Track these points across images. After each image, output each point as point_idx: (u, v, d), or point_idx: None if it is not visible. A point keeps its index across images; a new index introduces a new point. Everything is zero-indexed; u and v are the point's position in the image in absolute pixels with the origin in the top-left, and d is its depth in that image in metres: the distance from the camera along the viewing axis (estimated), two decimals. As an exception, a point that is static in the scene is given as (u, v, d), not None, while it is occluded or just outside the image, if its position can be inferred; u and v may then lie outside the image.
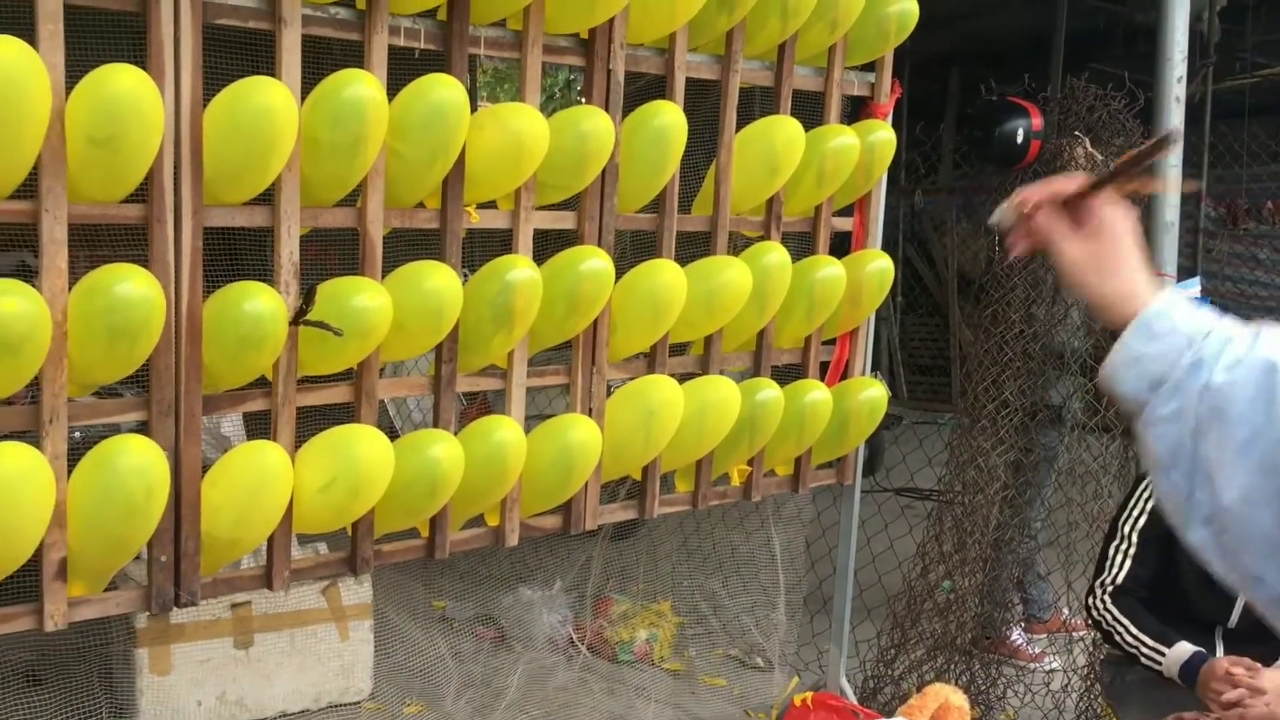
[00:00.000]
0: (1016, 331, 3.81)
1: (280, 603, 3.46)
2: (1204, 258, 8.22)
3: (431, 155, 2.35)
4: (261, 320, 2.17)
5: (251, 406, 2.33)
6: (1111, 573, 2.77)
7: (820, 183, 3.02)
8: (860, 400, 3.21)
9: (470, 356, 2.57)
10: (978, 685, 3.69)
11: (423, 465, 2.39)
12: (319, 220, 2.33)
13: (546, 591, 4.26)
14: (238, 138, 2.12)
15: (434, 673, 3.78)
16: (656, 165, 2.72)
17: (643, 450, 2.81)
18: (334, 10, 2.28)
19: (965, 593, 3.74)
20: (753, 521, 4.55)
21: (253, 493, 2.23)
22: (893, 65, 3.23)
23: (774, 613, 4.03)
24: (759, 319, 2.98)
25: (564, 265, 2.59)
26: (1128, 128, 3.69)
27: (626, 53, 2.69)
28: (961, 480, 3.86)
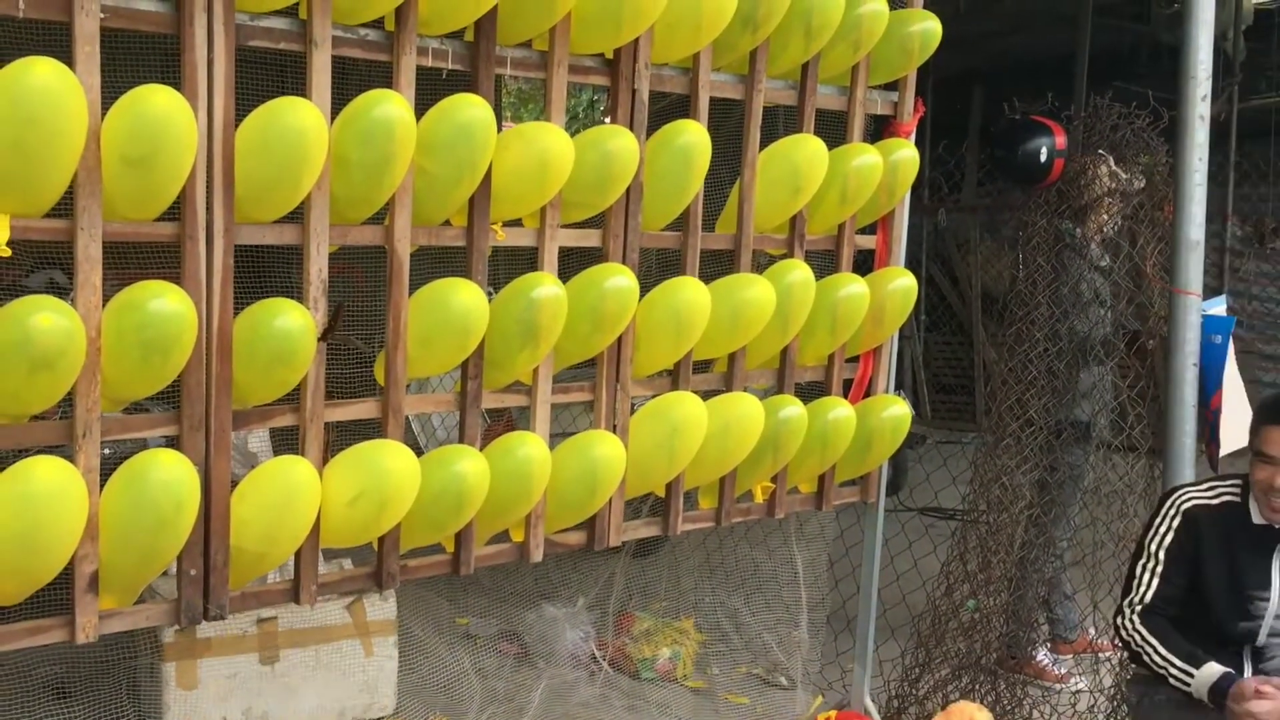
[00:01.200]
0: (1041, 350, 3.80)
1: (306, 618, 3.48)
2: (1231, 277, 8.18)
3: (458, 174, 2.38)
4: (291, 336, 2.20)
5: (280, 421, 2.35)
6: (1140, 591, 2.76)
7: (843, 201, 3.03)
8: (884, 418, 3.21)
9: (496, 373, 2.59)
10: (1003, 705, 3.67)
11: (448, 480, 2.41)
12: (348, 238, 2.36)
13: (570, 608, 4.26)
14: (269, 157, 2.15)
15: (457, 688, 3.79)
16: (680, 184, 2.74)
17: (666, 467, 2.82)
18: (363, 31, 2.31)
19: (990, 612, 3.72)
20: (775, 539, 4.55)
21: (281, 507, 2.25)
22: (916, 84, 3.24)
23: (796, 630, 4.02)
24: (782, 336, 2.99)
25: (589, 283, 2.61)
26: (1152, 146, 3.69)
27: (651, 72, 2.71)
28: (986, 499, 3.85)
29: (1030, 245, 3.85)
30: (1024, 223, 3.90)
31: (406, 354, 2.42)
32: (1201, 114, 3.41)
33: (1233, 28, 7.41)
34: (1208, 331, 3.46)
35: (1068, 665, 4.10)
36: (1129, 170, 3.64)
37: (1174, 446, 3.45)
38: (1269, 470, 2.58)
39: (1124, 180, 3.71)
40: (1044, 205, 3.84)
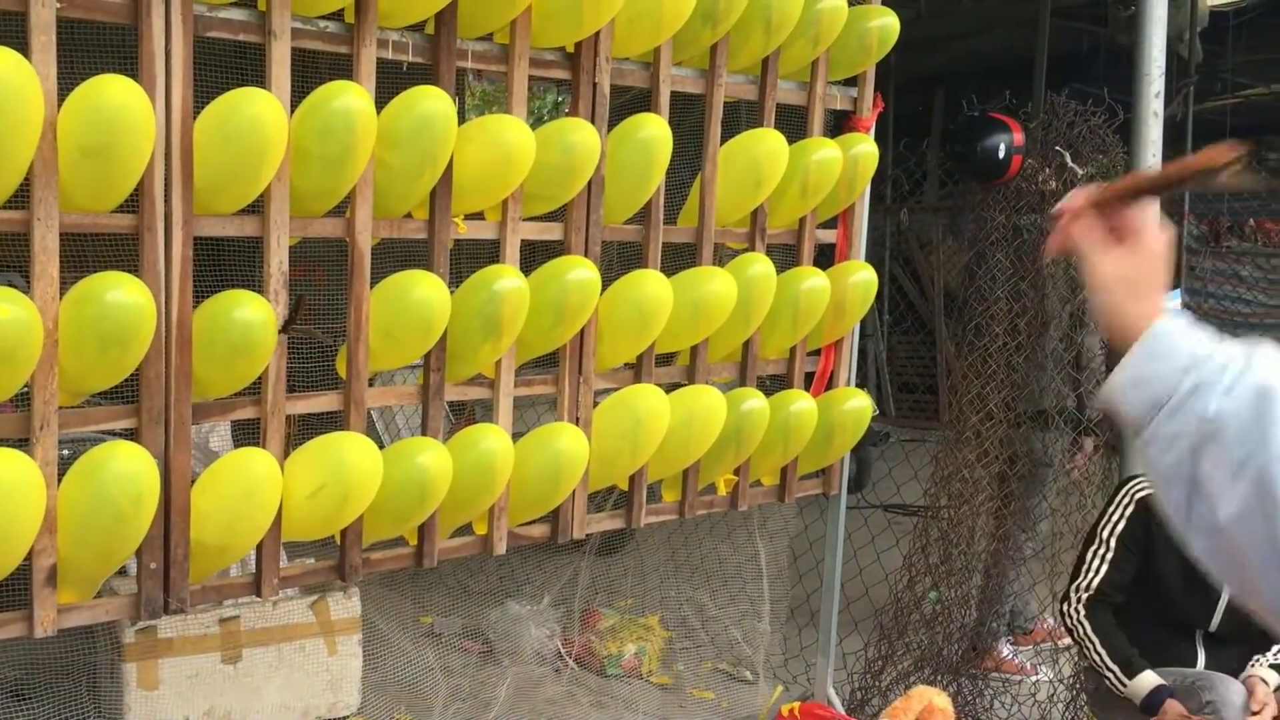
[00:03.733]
0: (1000, 344, 3.85)
1: (268, 617, 3.47)
2: (1187, 275, 8.30)
3: (420, 166, 2.38)
4: (251, 328, 2.19)
5: (241, 414, 2.35)
6: (1088, 578, 2.80)
7: (804, 195, 3.06)
8: (845, 410, 3.24)
9: (458, 366, 2.59)
10: (964, 696, 3.71)
11: (411, 472, 2.41)
12: (308, 230, 2.35)
13: (535, 606, 4.26)
14: (228, 148, 2.15)
15: (422, 686, 3.78)
16: (642, 177, 2.76)
17: (630, 459, 2.83)
18: (323, 23, 2.31)
19: (951, 604, 3.76)
20: (740, 535, 4.57)
21: (242, 500, 2.24)
22: (878, 84, 3.28)
23: (761, 625, 4.04)
24: (744, 329, 3.01)
25: (551, 275, 2.62)
26: (1107, 143, 3.75)
27: (612, 66, 2.73)
28: (947, 493, 3.89)
29: (989, 241, 3.90)
30: (982, 219, 3.95)
31: (368, 347, 2.42)
32: (1155, 111, 3.47)
33: (1188, 30, 7.52)
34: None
35: (1028, 656, 4.15)
36: (1084, 166, 3.69)
37: (1130, 439, 3.51)
38: None
39: (1080, 176, 3.77)
40: (1002, 201, 3.88)
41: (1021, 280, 3.89)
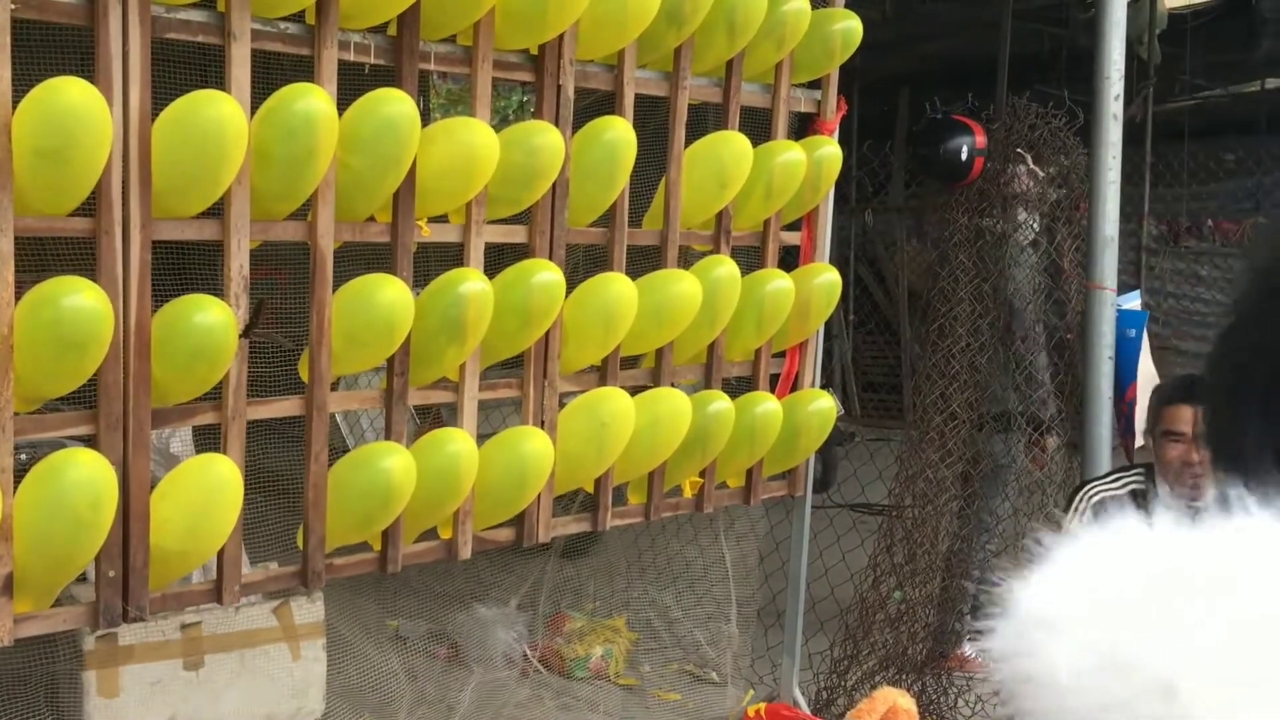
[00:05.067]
0: (963, 345, 3.87)
1: (230, 623, 3.43)
2: (1147, 274, 8.40)
3: (383, 169, 2.36)
4: (212, 333, 2.17)
5: (202, 419, 2.32)
6: None
7: (769, 197, 3.06)
8: (810, 412, 3.25)
9: (422, 369, 2.58)
10: (929, 695, 3.73)
11: (374, 477, 2.39)
12: (270, 233, 2.33)
13: (501, 609, 4.25)
14: (187, 151, 2.12)
15: (387, 691, 3.76)
16: (607, 179, 2.76)
17: (595, 462, 2.83)
18: (283, 25, 2.29)
19: (916, 603, 3.78)
20: (706, 536, 4.57)
21: (202, 506, 2.22)
22: (843, 86, 3.29)
23: (727, 626, 4.05)
24: (709, 331, 3.01)
25: (515, 278, 2.61)
26: (1068, 146, 3.78)
27: (576, 69, 2.72)
28: (911, 492, 3.91)
29: (952, 242, 3.93)
30: (945, 220, 3.97)
31: (331, 350, 2.40)
32: (1115, 113, 3.51)
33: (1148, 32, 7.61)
34: (1122, 326, 3.56)
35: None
36: (1045, 169, 3.72)
37: (1091, 438, 3.55)
38: (1180, 447, 2.68)
39: (1041, 179, 3.80)
40: (965, 203, 3.91)
41: (984, 282, 3.92)
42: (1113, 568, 0.65)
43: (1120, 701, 0.60)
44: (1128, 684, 0.60)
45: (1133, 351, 3.60)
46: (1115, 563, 0.65)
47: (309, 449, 2.43)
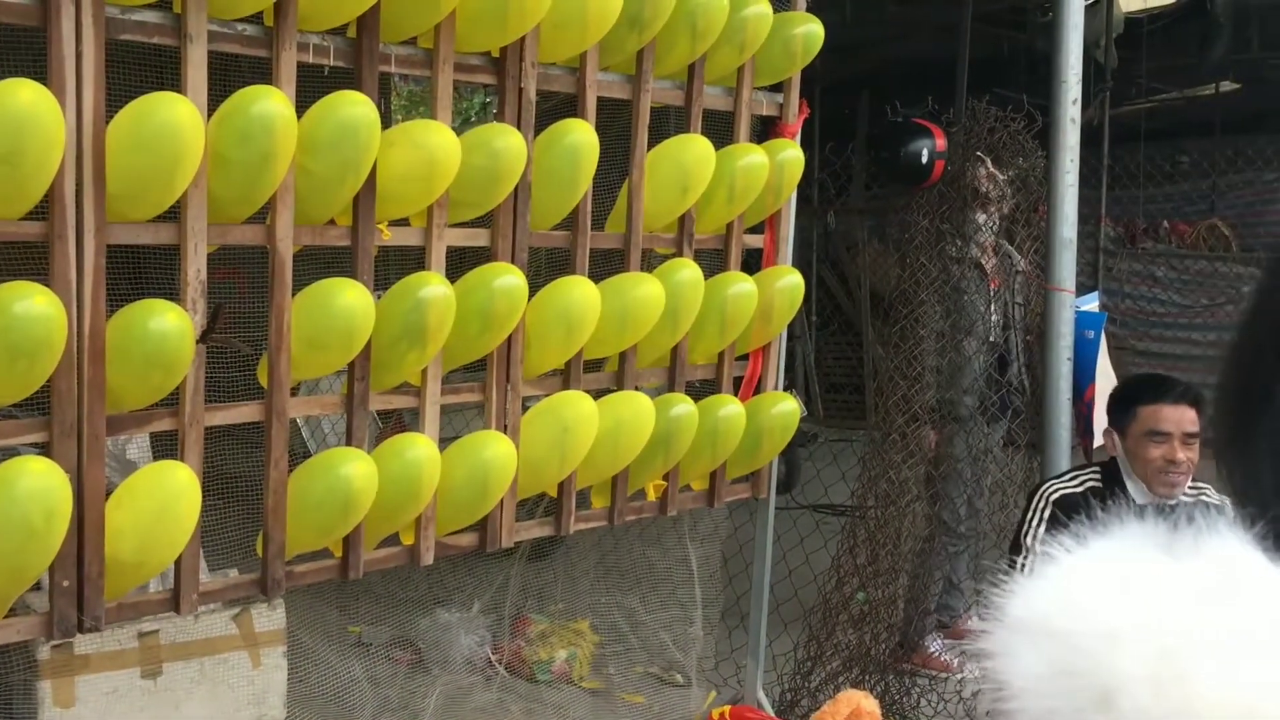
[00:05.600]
0: (924, 347, 3.90)
1: (189, 630, 3.38)
2: (1104, 276, 8.49)
3: (342, 172, 2.34)
4: (167, 339, 2.14)
5: (158, 426, 2.29)
6: None
7: (731, 200, 3.07)
8: (773, 414, 3.26)
9: (383, 374, 2.56)
10: (892, 694, 3.75)
11: (335, 483, 2.37)
12: (227, 237, 2.30)
13: (465, 614, 4.22)
14: (142, 154, 2.09)
15: (349, 698, 3.73)
16: (569, 183, 2.75)
17: (558, 466, 2.82)
18: (241, 26, 2.26)
19: (879, 604, 3.80)
20: (670, 538, 4.57)
21: (158, 514, 2.19)
22: (805, 88, 3.30)
23: (691, 628, 4.05)
24: (672, 335, 3.01)
25: (477, 282, 2.60)
26: (1026, 149, 3.82)
27: (538, 71, 2.71)
28: (874, 493, 3.93)
29: (913, 244, 3.95)
30: (906, 223, 4.00)
31: (290, 355, 2.38)
32: (1073, 117, 3.54)
33: (1104, 36, 7.70)
34: (1081, 327, 3.60)
35: (954, 653, 4.20)
36: (1004, 171, 3.75)
37: (1051, 439, 3.58)
38: (1165, 446, 2.73)
39: (1001, 182, 3.83)
40: (925, 206, 3.94)
41: (945, 284, 3.95)
42: (1096, 578, 0.66)
43: (1065, 709, 0.61)
44: (1071, 693, 0.61)
45: (1091, 352, 3.64)
46: (1099, 573, 0.66)
47: (268, 455, 2.40)
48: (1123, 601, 0.62)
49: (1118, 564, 0.65)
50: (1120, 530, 0.69)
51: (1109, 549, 0.67)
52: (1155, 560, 0.64)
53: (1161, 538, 0.66)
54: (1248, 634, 0.59)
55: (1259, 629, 0.59)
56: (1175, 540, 0.65)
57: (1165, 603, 0.61)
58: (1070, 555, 0.68)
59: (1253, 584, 0.61)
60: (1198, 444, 2.79)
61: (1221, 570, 0.62)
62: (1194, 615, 0.60)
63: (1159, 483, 2.77)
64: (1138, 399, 2.87)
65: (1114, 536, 0.68)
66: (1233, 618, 0.60)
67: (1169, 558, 0.64)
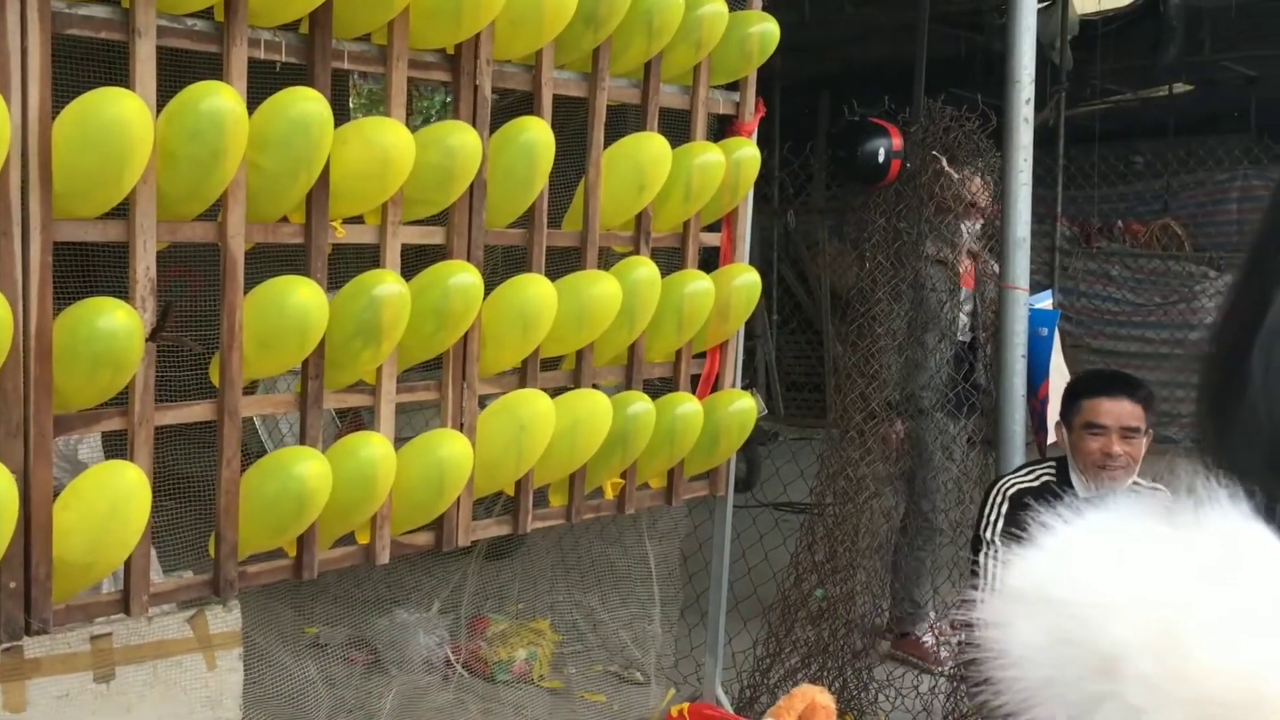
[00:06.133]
0: (881, 344, 3.93)
1: (142, 633, 3.34)
2: (1060, 275, 8.58)
3: (294, 169, 2.32)
4: (116, 337, 2.11)
5: (107, 426, 2.26)
6: (989, 581, 2.89)
7: (688, 198, 3.07)
8: (731, 412, 3.27)
9: (338, 373, 2.54)
10: (850, 690, 3.78)
11: (288, 483, 2.35)
12: (177, 235, 2.28)
13: (423, 614, 4.20)
14: (89, 150, 2.07)
15: (305, 699, 3.70)
16: (525, 180, 2.74)
17: (515, 465, 2.81)
18: (190, 21, 2.24)
19: (837, 600, 3.82)
20: (629, 536, 4.57)
21: (107, 515, 2.16)
22: (764, 88, 3.31)
23: (651, 626, 4.05)
24: (629, 333, 3.01)
25: (432, 280, 2.59)
26: (981, 148, 3.85)
27: (493, 69, 2.70)
28: (832, 490, 3.95)
29: (871, 243, 3.98)
30: (863, 221, 4.02)
31: (242, 354, 2.36)
32: (1026, 116, 3.58)
33: (1059, 37, 7.78)
34: (1034, 325, 3.63)
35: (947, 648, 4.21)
36: (960, 171, 3.78)
37: (1005, 435, 3.61)
38: (1101, 440, 2.75)
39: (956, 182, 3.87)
40: (882, 204, 3.97)
41: (901, 281, 3.98)
42: (1096, 549, 0.65)
43: (1065, 678, 0.61)
44: (1071, 662, 0.61)
45: (1045, 350, 3.68)
46: (1100, 545, 0.66)
47: (221, 454, 2.38)
48: (1123, 572, 0.62)
49: (1117, 536, 0.65)
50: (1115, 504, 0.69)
51: (1106, 521, 0.67)
52: (1155, 533, 0.64)
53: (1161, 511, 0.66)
54: (1249, 609, 0.59)
55: (1260, 604, 0.59)
56: (1175, 513, 0.65)
57: (1166, 575, 0.61)
58: (1067, 527, 0.67)
59: (1254, 559, 0.61)
60: (1141, 440, 2.81)
61: (1223, 544, 0.61)
62: (1195, 588, 0.60)
63: (1096, 476, 2.79)
64: (1081, 392, 2.91)
65: (1110, 509, 0.68)
66: (1234, 592, 0.59)
67: (1170, 530, 0.64)
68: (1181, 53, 8.03)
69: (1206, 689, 0.56)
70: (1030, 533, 0.73)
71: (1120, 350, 8.07)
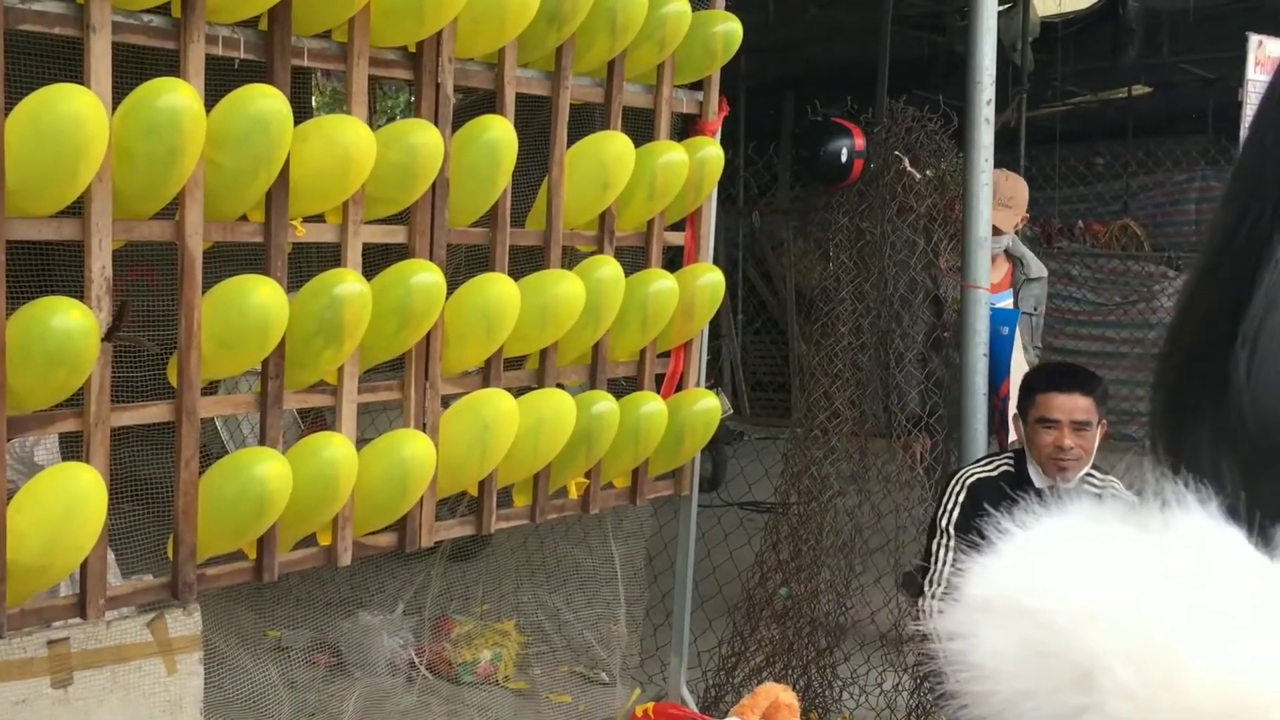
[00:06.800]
0: (845, 344, 3.94)
1: (100, 638, 3.30)
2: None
3: (254, 167, 2.30)
4: (71, 337, 2.08)
5: (63, 427, 2.23)
6: (938, 570, 2.90)
7: (652, 197, 3.07)
8: (695, 411, 3.27)
9: (299, 373, 2.51)
10: (815, 689, 3.79)
11: (248, 484, 2.33)
12: (134, 233, 2.25)
13: (387, 615, 4.18)
14: (42, 147, 2.03)
15: (267, 703, 3.66)
16: (487, 179, 2.73)
17: (479, 465, 2.80)
18: (147, 17, 2.21)
19: (801, 598, 3.84)
20: (595, 537, 4.57)
21: (63, 517, 2.13)
22: (729, 88, 3.32)
23: (616, 626, 4.05)
24: (594, 332, 3.00)
25: (394, 279, 2.57)
26: (943, 149, 3.88)
27: (456, 67, 2.69)
28: (797, 489, 3.96)
29: (834, 242, 3.99)
30: (827, 221, 4.04)
31: (201, 354, 2.33)
32: (987, 117, 3.60)
33: (1020, 39, 7.86)
34: (995, 324, 3.66)
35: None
36: (922, 171, 3.81)
37: (968, 433, 3.63)
38: (1054, 433, 2.80)
39: (919, 181, 3.89)
40: (846, 204, 3.98)
41: (865, 281, 3.99)
42: (1058, 556, 0.63)
43: (1041, 690, 0.59)
44: (1047, 673, 0.59)
45: (1005, 349, 3.70)
46: (1061, 552, 0.63)
47: (179, 456, 2.35)
48: (1095, 578, 0.60)
49: (1087, 540, 0.63)
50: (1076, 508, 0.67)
51: (1069, 525, 0.65)
52: (1122, 536, 0.62)
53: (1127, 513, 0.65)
54: (1228, 612, 0.57)
55: (1238, 608, 0.57)
56: (1140, 515, 0.62)
57: (1138, 580, 0.59)
58: (1030, 530, 0.66)
59: (1226, 561, 0.59)
60: (1093, 433, 2.86)
61: (1193, 546, 0.59)
62: (1170, 593, 0.58)
63: (1050, 467, 2.86)
64: (1036, 386, 2.95)
65: (1076, 513, 0.65)
66: (1211, 595, 0.57)
67: (1136, 533, 0.62)
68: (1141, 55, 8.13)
69: (1195, 698, 0.55)
70: (988, 533, 0.71)
71: (1081, 349, 8.15)
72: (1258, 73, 4.16)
